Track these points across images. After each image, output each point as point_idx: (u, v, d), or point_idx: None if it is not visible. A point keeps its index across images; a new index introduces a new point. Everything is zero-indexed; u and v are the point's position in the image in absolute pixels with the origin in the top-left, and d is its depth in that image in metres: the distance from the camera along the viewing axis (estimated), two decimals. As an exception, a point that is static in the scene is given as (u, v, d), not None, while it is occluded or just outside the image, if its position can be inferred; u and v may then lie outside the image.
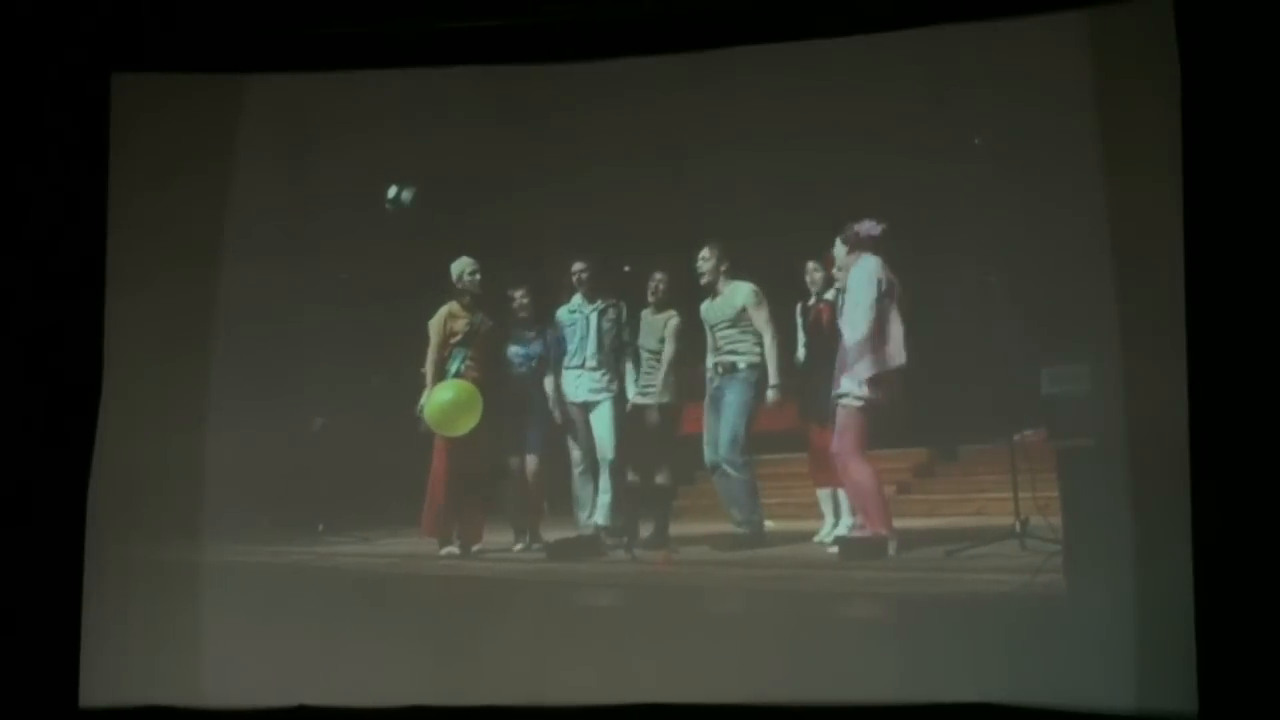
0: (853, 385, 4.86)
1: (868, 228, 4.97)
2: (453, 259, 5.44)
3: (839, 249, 5.02)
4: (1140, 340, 4.69)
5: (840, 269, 5.00)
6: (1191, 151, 4.56)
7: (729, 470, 4.95)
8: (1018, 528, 4.61)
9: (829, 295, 5.04)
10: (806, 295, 5.10)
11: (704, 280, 5.10)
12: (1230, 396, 4.42)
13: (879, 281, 4.94)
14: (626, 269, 5.18)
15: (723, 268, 5.09)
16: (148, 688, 5.14)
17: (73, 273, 5.28)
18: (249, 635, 5.14)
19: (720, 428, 4.98)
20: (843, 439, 4.84)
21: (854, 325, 4.96)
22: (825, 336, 4.96)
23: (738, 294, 5.03)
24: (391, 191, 5.40)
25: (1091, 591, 4.63)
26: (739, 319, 5.04)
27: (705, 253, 5.11)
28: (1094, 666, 4.57)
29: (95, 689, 5.13)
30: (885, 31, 5.08)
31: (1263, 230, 4.48)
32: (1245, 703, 4.32)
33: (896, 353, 4.83)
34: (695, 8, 5.24)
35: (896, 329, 4.89)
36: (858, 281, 4.98)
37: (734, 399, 5.00)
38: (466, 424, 5.12)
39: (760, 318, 5.02)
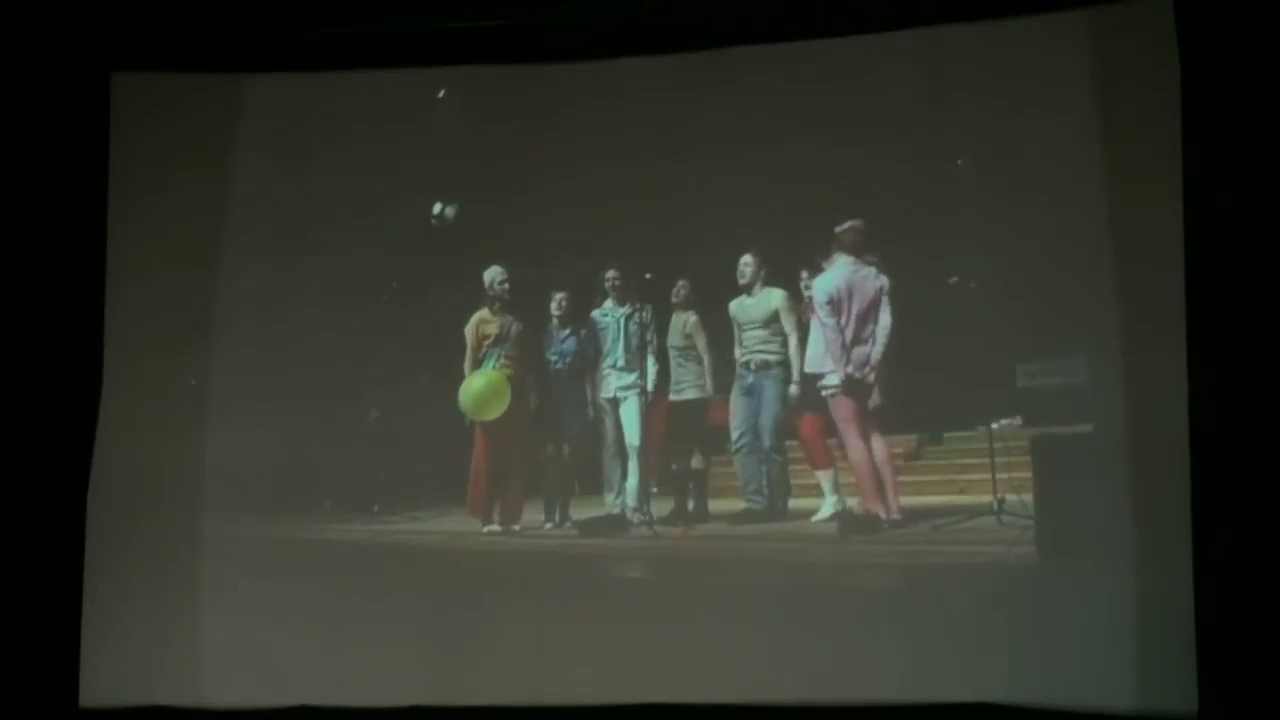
0: (836, 379, 5.18)
1: (851, 231, 5.14)
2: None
3: (830, 251, 5.18)
4: (1138, 337, 4.71)
5: (829, 270, 5.19)
6: (1191, 151, 4.56)
7: (773, 455, 5.27)
8: (995, 505, 4.93)
9: (820, 296, 5.21)
10: (799, 298, 5.27)
11: (742, 283, 5.31)
12: (1230, 395, 4.43)
13: (865, 283, 5.15)
14: (648, 276, 5.40)
15: (762, 273, 5.29)
16: (148, 688, 5.15)
17: (73, 273, 5.29)
18: (249, 635, 5.14)
19: (761, 417, 5.29)
20: (839, 425, 5.17)
21: (847, 324, 5.18)
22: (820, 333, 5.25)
23: (772, 298, 5.30)
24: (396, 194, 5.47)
25: (1089, 588, 4.65)
26: (770, 321, 5.30)
27: (747, 258, 5.28)
28: (1094, 665, 4.58)
29: (95, 689, 5.13)
30: (885, 31, 5.09)
31: (1262, 229, 4.49)
32: (1245, 703, 4.33)
33: (879, 348, 5.15)
34: (695, 8, 5.25)
35: (884, 326, 5.14)
36: (843, 283, 5.17)
37: (771, 393, 5.29)
38: (495, 409, 5.43)
39: (790, 322, 5.28)
